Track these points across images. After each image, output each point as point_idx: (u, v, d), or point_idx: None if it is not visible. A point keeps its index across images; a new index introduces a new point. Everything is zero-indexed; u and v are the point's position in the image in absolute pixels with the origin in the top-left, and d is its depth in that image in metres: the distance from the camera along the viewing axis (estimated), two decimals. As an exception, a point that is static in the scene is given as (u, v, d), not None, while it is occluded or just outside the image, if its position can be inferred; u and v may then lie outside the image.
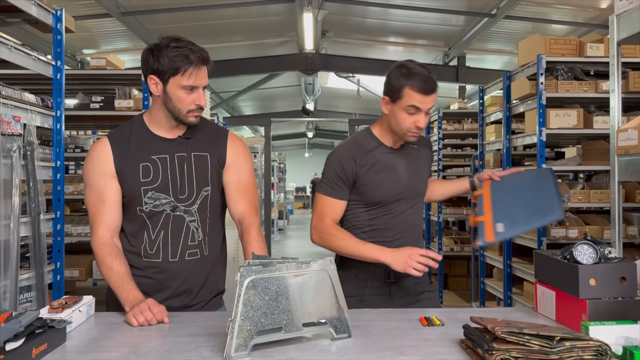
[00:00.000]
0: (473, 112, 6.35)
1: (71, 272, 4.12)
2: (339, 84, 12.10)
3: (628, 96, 3.49)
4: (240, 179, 1.76)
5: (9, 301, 2.35)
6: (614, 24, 2.36)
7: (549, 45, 3.81)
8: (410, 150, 1.97)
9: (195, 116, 1.67)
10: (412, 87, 1.76)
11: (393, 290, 1.92)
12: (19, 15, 2.74)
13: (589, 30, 7.42)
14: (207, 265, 1.75)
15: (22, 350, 1.14)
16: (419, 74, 1.77)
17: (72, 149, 4.48)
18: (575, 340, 1.10)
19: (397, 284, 1.92)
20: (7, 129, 2.35)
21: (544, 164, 3.75)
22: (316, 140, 23.38)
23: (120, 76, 4.02)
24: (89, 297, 1.56)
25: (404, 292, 1.93)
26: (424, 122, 1.80)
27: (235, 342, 1.19)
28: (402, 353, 1.23)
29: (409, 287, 1.94)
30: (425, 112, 1.79)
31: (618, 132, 2.37)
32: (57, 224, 2.87)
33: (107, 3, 6.62)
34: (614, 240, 2.40)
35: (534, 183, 1.94)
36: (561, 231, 3.78)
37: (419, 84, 1.76)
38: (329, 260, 1.34)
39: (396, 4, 7.59)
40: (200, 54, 1.62)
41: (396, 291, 1.92)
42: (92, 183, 1.68)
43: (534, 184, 1.93)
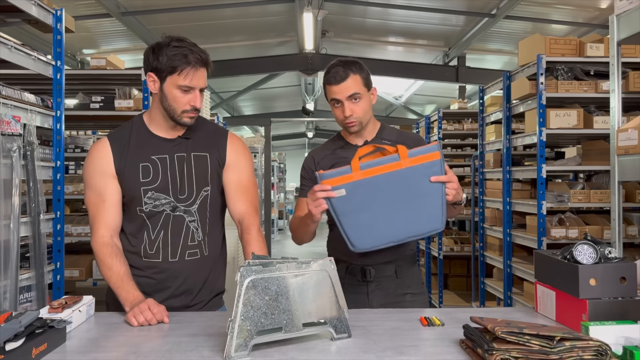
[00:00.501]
0: (473, 112, 6.35)
1: (71, 272, 4.12)
2: (339, 84, 12.07)
3: (628, 96, 3.49)
4: (240, 179, 1.76)
5: (9, 301, 2.35)
6: (614, 24, 2.36)
7: (549, 45, 3.81)
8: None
9: (189, 117, 1.66)
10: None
11: (371, 289, 1.88)
12: (19, 15, 2.74)
13: (589, 30, 7.42)
14: (207, 265, 1.74)
15: (22, 350, 1.14)
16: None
17: (72, 149, 4.48)
18: (575, 340, 1.10)
19: (376, 283, 1.88)
20: (7, 129, 2.35)
21: (544, 164, 3.75)
22: (316, 140, 23.35)
23: (120, 76, 4.02)
24: (89, 297, 1.56)
25: (383, 292, 1.88)
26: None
27: (235, 342, 1.19)
28: (402, 353, 1.22)
29: (389, 287, 1.89)
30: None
31: (618, 132, 2.37)
32: (57, 224, 2.87)
33: (107, 3, 6.62)
34: (614, 240, 2.40)
35: (408, 183, 1.61)
36: (561, 231, 3.78)
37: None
38: (329, 260, 1.34)
39: (396, 4, 7.59)
40: (200, 55, 1.61)
41: (374, 291, 1.88)
42: (92, 183, 1.68)
43: (408, 184, 1.61)
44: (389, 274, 1.89)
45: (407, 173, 1.60)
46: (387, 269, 1.88)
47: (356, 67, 1.82)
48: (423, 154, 1.60)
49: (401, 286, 1.90)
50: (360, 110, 1.82)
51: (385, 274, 1.88)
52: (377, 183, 1.60)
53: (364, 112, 1.83)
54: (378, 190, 1.61)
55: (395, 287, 1.89)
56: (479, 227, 4.96)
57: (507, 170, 4.33)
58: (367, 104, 1.84)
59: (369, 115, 1.88)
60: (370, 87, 1.87)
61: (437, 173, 1.60)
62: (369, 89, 1.86)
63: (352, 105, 1.81)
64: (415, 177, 1.60)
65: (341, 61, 1.83)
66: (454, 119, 6.52)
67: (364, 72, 1.84)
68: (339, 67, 1.80)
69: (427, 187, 1.60)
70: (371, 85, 1.87)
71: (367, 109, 1.85)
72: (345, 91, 1.79)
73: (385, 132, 1.95)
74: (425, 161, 1.59)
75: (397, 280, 1.89)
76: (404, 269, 1.91)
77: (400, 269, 1.90)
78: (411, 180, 1.60)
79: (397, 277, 1.89)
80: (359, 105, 1.81)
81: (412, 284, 1.93)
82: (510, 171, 4.31)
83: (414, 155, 1.60)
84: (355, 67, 1.81)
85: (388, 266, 1.88)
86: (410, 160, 1.60)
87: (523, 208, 4.11)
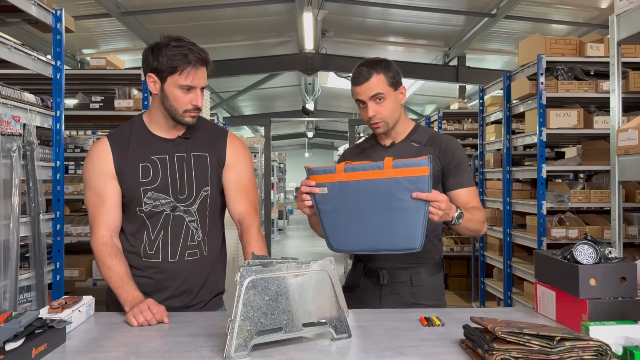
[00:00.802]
0: (473, 112, 6.36)
1: (71, 272, 4.12)
2: (339, 84, 12.09)
3: (628, 96, 3.49)
4: (240, 179, 1.76)
5: (8, 301, 2.35)
6: (614, 24, 2.36)
7: (549, 45, 3.81)
8: (408, 148, 1.84)
9: (191, 116, 1.66)
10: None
11: (384, 293, 1.83)
12: (19, 15, 2.74)
13: (589, 30, 7.42)
14: (207, 266, 1.74)
15: (22, 350, 1.14)
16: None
17: (72, 149, 4.48)
18: (576, 340, 1.10)
19: (390, 287, 1.83)
20: (6, 129, 2.35)
21: (544, 164, 3.75)
22: (316, 140, 23.38)
23: (120, 76, 4.02)
24: (89, 297, 1.56)
25: (396, 298, 1.82)
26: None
27: (235, 342, 1.19)
28: (402, 353, 1.22)
29: (403, 295, 1.82)
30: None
31: (618, 132, 2.37)
32: (57, 224, 2.87)
33: (107, 3, 6.62)
34: (614, 240, 2.40)
35: (388, 194, 1.54)
36: (561, 231, 3.78)
37: None
38: (329, 260, 1.34)
39: (396, 4, 7.59)
40: (200, 54, 1.61)
41: (387, 296, 1.83)
42: (92, 183, 1.68)
43: (388, 195, 1.54)
44: (403, 280, 1.82)
45: (388, 184, 1.52)
46: (402, 275, 1.82)
47: (382, 66, 1.77)
48: (409, 167, 1.50)
49: (416, 295, 1.82)
50: (385, 110, 1.77)
51: (399, 279, 1.82)
52: (357, 188, 1.55)
53: (390, 113, 1.78)
54: (357, 196, 1.56)
55: (409, 295, 1.82)
56: (479, 227, 4.96)
57: (507, 170, 4.33)
58: (392, 103, 1.78)
59: (396, 115, 1.81)
60: (398, 86, 1.80)
61: (423, 190, 1.49)
62: (396, 88, 1.79)
63: (375, 105, 1.76)
64: (396, 190, 1.51)
65: (367, 60, 1.79)
66: (454, 119, 6.52)
67: (391, 71, 1.78)
68: (364, 67, 1.77)
69: (408, 203, 1.50)
70: (399, 84, 1.81)
71: (393, 109, 1.79)
72: (368, 91, 1.75)
73: (416, 133, 1.87)
74: (411, 175, 1.50)
75: (412, 288, 1.82)
76: (422, 277, 1.83)
77: (416, 276, 1.82)
78: (392, 192, 1.52)
79: (412, 284, 1.82)
80: (384, 105, 1.77)
81: (429, 295, 1.84)
82: (510, 171, 4.31)
83: (400, 167, 1.51)
84: (380, 67, 1.77)
85: (402, 272, 1.82)
86: (395, 172, 1.51)
87: (523, 208, 4.11)
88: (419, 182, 1.49)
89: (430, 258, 1.86)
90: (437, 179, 1.80)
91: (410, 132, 1.88)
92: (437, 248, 1.89)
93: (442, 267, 1.92)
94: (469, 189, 1.81)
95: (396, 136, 1.87)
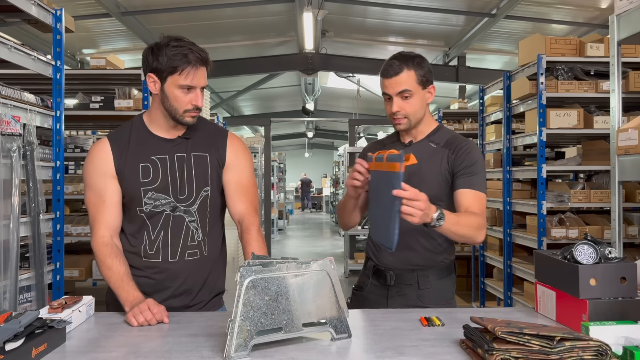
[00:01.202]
0: (473, 112, 6.35)
1: (71, 272, 4.12)
2: (339, 84, 12.10)
3: (628, 96, 3.49)
4: (240, 179, 1.76)
5: (8, 301, 2.35)
6: (614, 24, 2.36)
7: (549, 45, 3.81)
8: (425, 148, 1.80)
9: (192, 116, 1.66)
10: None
11: (391, 294, 1.81)
12: (19, 15, 2.74)
13: (589, 30, 7.42)
14: (207, 266, 1.74)
15: (22, 350, 1.14)
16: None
17: (72, 149, 4.48)
18: (576, 340, 1.10)
19: (397, 289, 1.81)
20: (6, 129, 2.35)
21: (544, 164, 3.75)
22: (316, 140, 23.38)
23: (120, 76, 4.02)
24: (89, 297, 1.56)
25: (402, 299, 1.79)
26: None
27: (235, 342, 1.19)
28: (402, 353, 1.22)
29: (410, 297, 1.79)
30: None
31: (618, 132, 2.37)
32: (57, 224, 2.87)
33: (107, 3, 6.62)
34: (614, 240, 2.40)
35: (376, 187, 1.58)
36: (561, 231, 3.78)
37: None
38: (329, 260, 1.34)
39: (396, 4, 7.59)
40: (200, 54, 1.61)
41: (394, 297, 1.81)
42: (92, 183, 1.68)
43: (376, 188, 1.57)
44: (410, 282, 1.79)
45: (375, 176, 1.57)
46: (409, 277, 1.79)
47: (414, 62, 1.73)
48: (388, 162, 1.48)
49: (423, 298, 1.79)
50: (410, 108, 1.74)
51: (405, 281, 1.79)
52: (372, 179, 1.63)
53: (414, 111, 1.75)
54: (372, 185, 1.63)
55: (415, 297, 1.79)
56: (479, 227, 4.96)
57: (507, 170, 4.33)
58: (418, 102, 1.75)
59: (421, 114, 1.78)
60: (428, 85, 1.77)
61: (395, 187, 1.44)
62: (425, 87, 1.76)
63: (401, 101, 1.73)
64: (379, 183, 1.53)
65: (401, 54, 1.75)
66: (454, 118, 6.52)
67: (423, 69, 1.74)
68: (396, 60, 1.74)
69: (387, 198, 1.47)
70: (429, 83, 1.77)
71: (419, 107, 1.76)
72: (396, 86, 1.72)
73: (437, 134, 1.83)
74: (387, 169, 1.48)
75: (419, 291, 1.78)
76: (430, 280, 1.79)
77: (424, 279, 1.79)
78: (377, 185, 1.54)
79: (419, 287, 1.79)
80: (409, 102, 1.73)
81: (437, 298, 1.79)
82: (510, 171, 4.31)
83: (378, 160, 1.52)
84: (412, 63, 1.73)
85: (409, 274, 1.79)
86: (376, 164, 1.53)
87: (523, 208, 4.11)
88: (393, 178, 1.46)
89: (439, 261, 1.81)
90: (446, 179, 1.77)
91: (431, 132, 1.84)
92: (447, 251, 1.84)
93: (454, 270, 1.87)
94: (476, 192, 1.71)
95: (417, 135, 1.84)
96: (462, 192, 1.71)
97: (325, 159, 24.00)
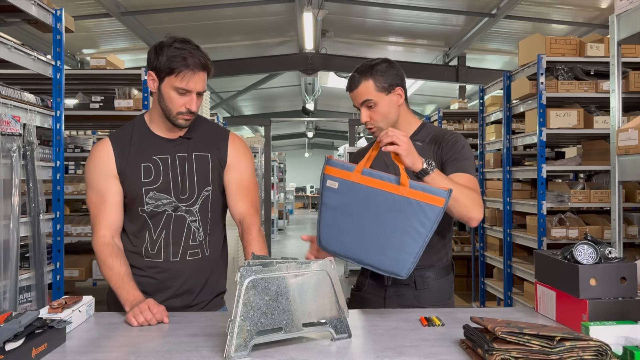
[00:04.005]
0: (473, 112, 6.36)
1: (71, 272, 4.12)
2: (339, 84, 12.08)
3: (628, 96, 3.49)
4: (241, 179, 1.76)
5: (8, 301, 2.35)
6: (614, 24, 2.36)
7: (549, 45, 3.81)
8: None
9: (184, 119, 1.66)
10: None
11: (388, 295, 1.80)
12: (19, 15, 2.74)
13: (589, 30, 7.42)
14: (209, 265, 1.75)
15: (22, 350, 1.14)
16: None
17: (72, 149, 4.48)
18: (576, 340, 1.10)
19: (394, 289, 1.79)
20: (6, 129, 2.35)
21: (544, 164, 3.75)
22: (316, 140, 23.37)
23: (120, 76, 4.02)
24: (89, 297, 1.56)
25: (400, 300, 1.78)
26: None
27: (235, 342, 1.19)
28: (402, 353, 1.22)
29: (407, 297, 1.78)
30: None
31: (618, 132, 2.37)
32: (57, 224, 2.87)
33: (107, 3, 6.62)
34: (614, 240, 2.40)
35: (395, 212, 1.47)
36: (561, 231, 3.79)
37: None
38: (329, 260, 1.34)
39: (396, 4, 7.59)
40: (200, 59, 1.60)
41: (392, 297, 1.79)
42: (94, 183, 1.68)
43: (395, 213, 1.47)
44: (407, 282, 1.77)
45: (398, 201, 1.46)
46: (406, 278, 1.76)
47: (373, 71, 1.74)
48: (426, 192, 1.45)
49: (420, 298, 1.78)
50: (378, 116, 1.75)
51: (403, 282, 1.76)
52: (367, 195, 1.50)
53: (382, 117, 1.75)
54: (365, 202, 1.51)
55: (413, 297, 1.78)
56: (479, 227, 4.96)
57: (507, 170, 4.33)
58: (385, 107, 1.75)
59: (393, 117, 1.77)
60: (392, 89, 1.75)
61: (430, 220, 1.43)
62: (390, 91, 1.75)
63: (367, 111, 1.75)
64: (405, 210, 1.46)
65: (362, 65, 1.76)
66: (454, 118, 6.52)
67: (383, 76, 1.73)
68: (356, 72, 1.76)
69: (412, 228, 1.45)
70: (393, 87, 1.75)
71: (386, 113, 1.75)
72: (358, 98, 1.75)
73: (421, 132, 1.83)
74: (424, 201, 1.44)
75: (416, 291, 1.78)
76: (428, 280, 1.78)
77: (422, 279, 1.78)
78: (400, 211, 1.46)
79: (417, 287, 1.78)
80: (375, 111, 1.74)
81: (435, 299, 1.79)
82: (510, 171, 4.31)
83: (417, 188, 1.45)
84: (371, 72, 1.74)
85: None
86: (410, 192, 1.45)
87: (523, 208, 4.11)
88: (429, 210, 1.44)
89: (437, 261, 1.81)
90: None
91: (415, 131, 1.83)
92: (445, 250, 1.84)
93: (452, 270, 1.87)
94: (467, 175, 1.69)
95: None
96: (453, 176, 1.68)
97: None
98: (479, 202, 1.63)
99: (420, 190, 1.45)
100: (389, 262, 1.49)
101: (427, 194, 1.45)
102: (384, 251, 1.49)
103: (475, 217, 1.61)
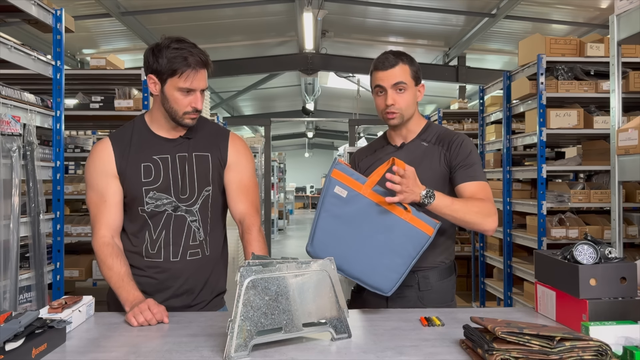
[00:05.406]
0: (473, 112, 6.35)
1: (71, 272, 4.12)
2: (339, 84, 12.09)
3: (628, 96, 3.49)
4: (242, 179, 1.76)
5: (8, 301, 2.35)
6: (614, 24, 2.36)
7: (549, 45, 3.81)
8: (418, 148, 1.81)
9: (191, 118, 1.66)
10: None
11: (391, 297, 1.73)
12: (19, 15, 2.74)
13: (589, 30, 7.42)
14: (209, 265, 1.75)
15: (22, 350, 1.14)
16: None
17: (72, 149, 4.48)
18: (576, 340, 1.10)
19: (397, 291, 1.72)
20: (6, 129, 2.35)
21: (544, 164, 3.75)
22: (316, 140, 23.36)
23: (120, 76, 4.02)
24: (89, 297, 1.56)
25: (403, 301, 1.76)
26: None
27: (235, 342, 1.19)
28: (402, 353, 1.22)
29: (410, 299, 1.76)
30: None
31: (618, 132, 2.37)
32: (57, 224, 2.87)
33: (107, 3, 6.62)
34: (614, 240, 2.40)
35: (395, 234, 1.55)
36: (561, 231, 3.78)
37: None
38: (329, 260, 1.34)
39: (396, 4, 7.59)
40: (200, 57, 1.61)
41: (394, 299, 1.74)
42: (94, 183, 1.68)
43: (395, 235, 1.55)
44: (411, 284, 1.74)
45: (400, 224, 1.54)
46: (409, 279, 1.72)
47: (408, 58, 1.78)
48: (422, 221, 1.54)
49: (423, 299, 1.76)
50: (404, 102, 1.75)
51: (406, 283, 1.72)
52: (373, 211, 1.55)
53: (407, 105, 1.76)
54: (368, 217, 1.55)
55: (416, 299, 1.76)
56: (479, 227, 4.95)
57: (507, 170, 4.33)
58: (411, 97, 1.76)
59: (412, 110, 1.79)
60: (419, 83, 1.80)
61: (414, 245, 1.54)
62: (417, 84, 1.79)
63: (395, 94, 1.74)
64: (404, 234, 1.54)
65: (393, 50, 1.80)
66: (454, 119, 6.52)
67: (414, 66, 1.78)
68: (390, 54, 1.77)
69: (404, 249, 1.54)
70: (420, 81, 1.80)
71: (411, 103, 1.77)
72: (392, 78, 1.73)
73: (427, 132, 1.84)
74: (418, 227, 1.54)
75: (420, 292, 1.76)
76: (431, 281, 1.77)
77: (425, 280, 1.76)
78: (399, 233, 1.54)
79: (420, 289, 1.76)
80: (403, 96, 1.75)
81: (438, 300, 1.77)
82: (510, 171, 4.31)
83: (417, 216, 1.54)
84: (406, 58, 1.77)
85: (410, 276, 1.71)
86: (411, 218, 1.54)
87: (523, 208, 4.11)
88: (422, 238, 1.54)
89: (440, 262, 1.80)
90: (445, 177, 1.76)
91: (421, 130, 1.84)
92: (448, 251, 1.83)
93: (454, 270, 1.86)
94: (477, 182, 1.71)
95: (407, 134, 1.84)
96: (463, 185, 1.71)
97: (326, 159, 23.98)
98: (490, 212, 1.65)
99: (419, 218, 1.55)
100: (378, 278, 1.56)
101: (422, 222, 1.55)
102: (376, 267, 1.55)
103: (489, 229, 1.65)
